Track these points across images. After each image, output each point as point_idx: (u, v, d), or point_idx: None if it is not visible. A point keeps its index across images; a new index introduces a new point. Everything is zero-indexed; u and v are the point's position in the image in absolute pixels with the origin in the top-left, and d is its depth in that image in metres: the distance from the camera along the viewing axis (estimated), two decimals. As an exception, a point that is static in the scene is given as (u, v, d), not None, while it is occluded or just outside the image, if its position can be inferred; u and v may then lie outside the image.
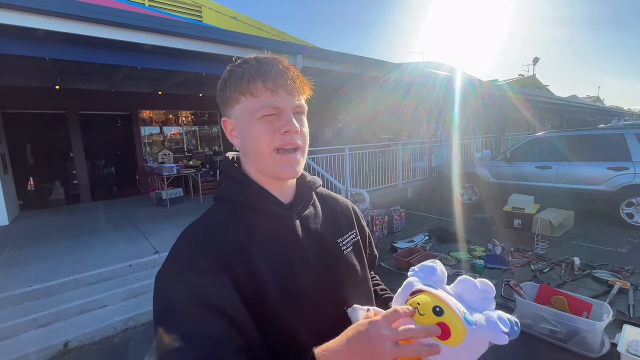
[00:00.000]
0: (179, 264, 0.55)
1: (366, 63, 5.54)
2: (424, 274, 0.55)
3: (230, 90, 0.61)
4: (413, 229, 5.08)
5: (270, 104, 0.57)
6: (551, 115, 16.89)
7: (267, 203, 0.62)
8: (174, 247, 0.58)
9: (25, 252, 3.82)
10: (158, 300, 0.53)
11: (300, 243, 0.62)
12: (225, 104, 0.63)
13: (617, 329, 2.25)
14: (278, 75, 0.57)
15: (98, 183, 7.82)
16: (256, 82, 0.57)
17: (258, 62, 0.59)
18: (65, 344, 2.53)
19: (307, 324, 0.58)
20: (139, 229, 4.63)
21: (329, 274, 0.64)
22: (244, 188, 0.63)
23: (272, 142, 0.58)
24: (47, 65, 4.83)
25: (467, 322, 0.46)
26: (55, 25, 2.91)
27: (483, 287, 0.52)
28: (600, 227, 4.77)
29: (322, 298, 0.61)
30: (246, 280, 0.54)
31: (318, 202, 0.72)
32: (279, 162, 0.59)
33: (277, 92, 0.57)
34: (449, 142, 8.35)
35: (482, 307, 0.51)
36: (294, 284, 0.58)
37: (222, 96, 0.63)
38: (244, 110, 0.59)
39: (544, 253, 3.84)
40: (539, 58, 21.06)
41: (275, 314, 0.55)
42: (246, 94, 0.58)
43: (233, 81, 0.60)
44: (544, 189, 5.42)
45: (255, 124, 0.58)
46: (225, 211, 0.62)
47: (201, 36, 3.74)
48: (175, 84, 6.68)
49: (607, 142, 5.07)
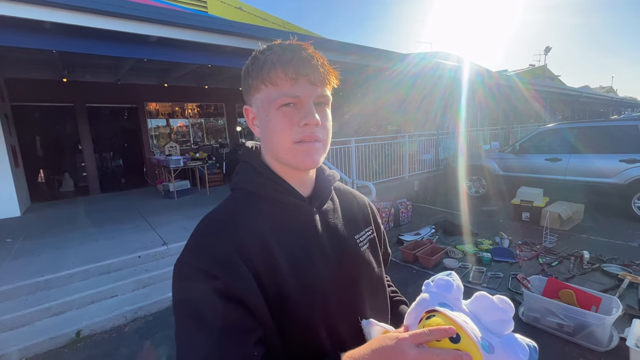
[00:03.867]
0: (198, 253, 0.54)
1: (372, 54, 5.45)
2: (438, 289, 0.52)
3: (252, 78, 0.59)
4: (419, 221, 5.06)
5: (289, 93, 0.55)
6: (562, 106, 16.52)
7: (286, 195, 0.61)
8: (193, 236, 0.56)
9: (36, 242, 3.90)
10: (179, 291, 0.52)
11: (318, 237, 0.61)
12: (247, 91, 0.61)
13: (627, 323, 2.22)
14: (300, 62, 0.55)
15: (106, 175, 7.92)
16: (276, 70, 0.55)
17: (281, 49, 0.56)
18: (78, 332, 2.60)
19: (323, 319, 0.57)
20: (147, 221, 4.69)
21: (346, 270, 0.63)
22: (264, 178, 0.61)
23: (292, 134, 0.56)
24: (54, 58, 4.85)
25: (485, 349, 0.44)
26: (61, 17, 2.92)
27: (502, 305, 0.49)
28: (611, 221, 4.70)
29: (339, 293, 0.60)
30: (265, 272, 0.53)
31: (336, 197, 0.71)
32: (297, 153, 0.57)
33: (297, 80, 0.55)
34: (456, 134, 8.23)
35: (498, 329, 0.48)
36: (312, 278, 0.57)
37: (244, 84, 0.61)
38: (264, 99, 0.57)
39: (552, 246, 3.80)
40: (550, 47, 20.35)
41: (292, 307, 0.54)
42: (266, 82, 0.56)
43: (255, 68, 0.58)
44: (553, 181, 5.33)
45: (274, 114, 0.56)
46: (244, 201, 0.61)
47: (206, 27, 3.71)
48: (181, 76, 6.67)
49: (619, 133, 4.95)
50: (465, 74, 7.25)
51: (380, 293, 0.71)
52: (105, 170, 8.27)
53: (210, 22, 3.83)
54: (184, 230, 4.16)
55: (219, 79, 7.49)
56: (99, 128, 7.90)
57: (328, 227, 0.64)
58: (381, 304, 0.71)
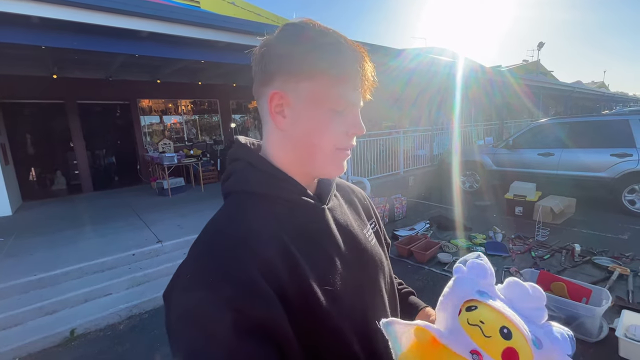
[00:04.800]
0: (207, 277, 0.42)
1: (367, 49, 5.43)
2: (472, 274, 0.45)
3: (314, 58, 0.48)
4: (414, 216, 5.09)
5: (351, 99, 0.50)
6: (554, 101, 16.68)
7: (299, 194, 0.54)
8: (194, 255, 0.46)
9: (28, 241, 3.85)
10: (180, 328, 0.41)
11: (335, 238, 0.56)
12: (296, 72, 0.49)
13: (616, 314, 2.27)
14: (368, 70, 0.51)
15: (99, 173, 7.83)
16: (354, 67, 0.49)
17: (351, 47, 0.50)
18: (72, 331, 2.58)
19: (352, 324, 0.52)
20: (141, 218, 4.65)
21: (366, 269, 0.60)
22: (271, 177, 0.53)
23: (336, 140, 0.51)
24: (43, 54, 4.76)
25: (535, 344, 0.40)
26: (49, 12, 2.86)
27: (535, 293, 0.44)
28: (602, 214, 4.77)
29: (362, 293, 0.56)
30: (292, 286, 0.45)
31: (338, 193, 0.67)
32: (336, 159, 0.53)
33: (359, 86, 0.51)
34: (451, 130, 8.27)
35: (535, 318, 0.43)
36: (338, 284, 0.52)
37: (295, 59, 0.48)
38: (316, 92, 0.49)
39: (544, 240, 3.85)
40: (543, 42, 20.58)
41: (323, 318, 0.48)
42: (338, 73, 0.48)
43: (319, 50, 0.47)
44: (546, 176, 5.40)
45: (323, 114, 0.50)
46: (250, 205, 0.52)
47: (198, 22, 3.67)
48: (173, 72, 6.60)
49: (610, 128, 5.01)
50: (460, 69, 7.26)
51: (392, 288, 0.68)
52: (97, 168, 8.17)
53: (203, 17, 3.79)
54: (178, 228, 4.14)
55: (213, 75, 7.42)
56: (90, 125, 7.77)
57: (339, 225, 0.59)
58: (395, 299, 0.69)
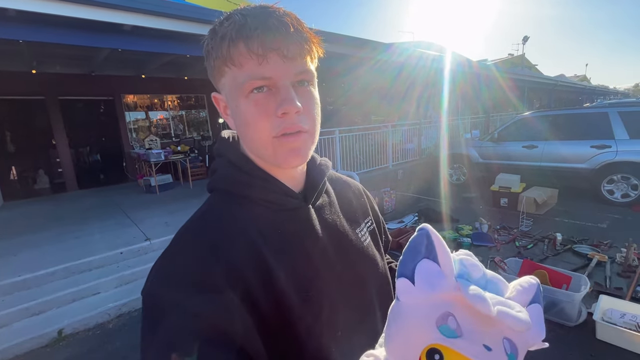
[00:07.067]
0: (175, 280, 0.42)
1: (356, 43, 5.43)
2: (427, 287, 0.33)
3: (212, 58, 0.46)
4: (403, 209, 5.17)
5: (256, 74, 0.43)
6: (539, 94, 17.03)
7: (277, 193, 0.50)
8: (166, 257, 0.45)
9: (11, 241, 3.75)
10: (149, 328, 0.40)
11: (319, 239, 0.52)
12: (211, 75, 0.50)
13: (594, 299, 2.38)
14: (267, 32, 0.42)
15: (83, 170, 7.63)
16: (237, 46, 0.43)
17: (242, 17, 0.43)
18: (60, 331, 2.55)
19: (332, 330, 0.49)
20: (129, 216, 4.58)
21: (353, 272, 0.55)
22: (248, 175, 0.50)
23: (269, 127, 0.45)
24: (21, 48, 4.58)
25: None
26: (27, 4, 2.76)
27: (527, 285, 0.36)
28: (582, 204, 4.94)
29: (348, 300, 0.52)
30: (262, 292, 0.44)
31: (331, 189, 0.61)
32: (279, 149, 0.46)
33: (266, 56, 0.43)
34: (438, 123, 8.37)
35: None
36: (317, 289, 0.48)
37: (207, 66, 0.49)
38: (230, 84, 0.46)
39: (528, 230, 3.97)
40: (528, 36, 20.92)
41: (294, 323, 0.45)
42: (228, 63, 0.44)
43: (214, 46, 0.45)
44: (530, 168, 5.54)
45: (244, 103, 0.45)
46: (227, 206, 0.50)
47: (184, 15, 3.60)
48: (159, 67, 6.45)
49: (591, 120, 5.17)
50: (447, 63, 7.34)
51: (387, 288, 0.63)
52: (82, 165, 7.97)
53: (189, 10, 3.71)
54: (166, 226, 4.10)
55: (199, 69, 7.27)
56: (73, 122, 7.55)
57: (327, 225, 0.54)
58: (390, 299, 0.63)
